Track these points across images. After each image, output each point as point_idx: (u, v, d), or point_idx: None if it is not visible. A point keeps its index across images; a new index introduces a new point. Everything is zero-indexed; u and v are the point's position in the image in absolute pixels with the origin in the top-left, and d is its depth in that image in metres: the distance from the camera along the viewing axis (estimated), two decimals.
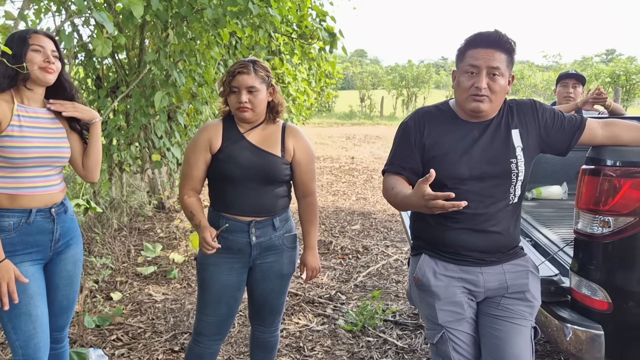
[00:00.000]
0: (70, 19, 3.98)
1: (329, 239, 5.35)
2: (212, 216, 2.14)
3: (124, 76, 5.06)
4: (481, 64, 1.70)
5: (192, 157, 2.09)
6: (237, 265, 2.12)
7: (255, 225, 2.08)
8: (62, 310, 2.18)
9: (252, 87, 2.01)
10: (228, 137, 2.08)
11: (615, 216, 1.87)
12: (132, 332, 3.21)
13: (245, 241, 2.09)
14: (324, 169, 10.27)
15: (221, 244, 2.07)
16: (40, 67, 1.93)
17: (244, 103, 2.01)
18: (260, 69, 2.05)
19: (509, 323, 1.78)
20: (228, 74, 2.04)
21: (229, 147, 2.06)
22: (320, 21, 5.70)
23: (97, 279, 3.93)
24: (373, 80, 32.06)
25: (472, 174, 1.75)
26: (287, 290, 2.29)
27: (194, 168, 2.09)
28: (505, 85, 1.74)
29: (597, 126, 1.85)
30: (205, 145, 2.07)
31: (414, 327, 3.33)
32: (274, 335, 2.32)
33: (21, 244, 1.94)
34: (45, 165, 1.99)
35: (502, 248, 1.82)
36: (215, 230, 2.04)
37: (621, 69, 23.24)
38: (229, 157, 2.05)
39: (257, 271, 2.16)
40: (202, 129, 2.12)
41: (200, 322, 2.16)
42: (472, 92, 1.72)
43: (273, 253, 2.15)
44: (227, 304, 2.13)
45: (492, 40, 1.71)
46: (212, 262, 2.10)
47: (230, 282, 2.12)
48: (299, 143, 2.15)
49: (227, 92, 2.05)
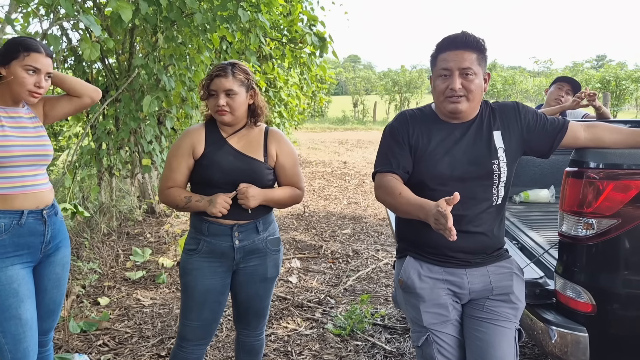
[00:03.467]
0: (58, 23, 3.97)
1: (320, 243, 5.34)
2: (194, 221, 2.11)
3: (113, 80, 5.04)
4: (452, 66, 1.72)
5: (174, 162, 2.07)
6: (220, 270, 2.09)
7: (238, 228, 2.06)
8: (48, 314, 2.17)
9: (230, 90, 2.00)
10: (211, 142, 2.06)
11: (599, 218, 1.88)
12: (119, 337, 3.18)
13: (228, 245, 2.06)
14: (316, 174, 10.27)
15: (204, 247, 2.05)
16: (30, 90, 1.96)
17: (221, 106, 1.99)
18: (239, 72, 2.03)
19: (493, 325, 1.78)
20: (206, 77, 2.04)
21: (212, 153, 2.04)
22: (311, 26, 5.71)
23: (85, 284, 3.90)
24: (366, 85, 32.18)
25: (454, 175, 1.76)
26: (272, 293, 2.27)
27: (176, 172, 2.07)
28: (480, 84, 1.76)
29: (579, 128, 1.86)
30: (188, 150, 2.05)
31: (402, 330, 3.32)
32: (259, 338, 2.31)
33: (12, 246, 1.93)
34: (31, 164, 2.00)
35: (486, 249, 1.83)
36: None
37: (611, 74, 23.47)
38: (212, 163, 2.03)
39: (241, 275, 2.14)
40: (184, 134, 2.10)
41: (184, 327, 2.13)
42: (448, 93, 1.74)
43: (257, 257, 2.13)
44: (211, 309, 2.11)
45: (459, 41, 1.74)
46: (196, 266, 2.07)
47: (213, 286, 2.09)
48: (282, 147, 2.13)
49: (206, 95, 2.04)
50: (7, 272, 1.92)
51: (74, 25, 4.49)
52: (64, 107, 2.19)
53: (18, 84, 1.93)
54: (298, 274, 4.40)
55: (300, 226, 6.10)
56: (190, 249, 2.10)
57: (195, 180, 2.09)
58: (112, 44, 3.96)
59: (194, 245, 2.09)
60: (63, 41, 4.59)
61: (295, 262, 4.70)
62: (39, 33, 3.59)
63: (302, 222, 6.28)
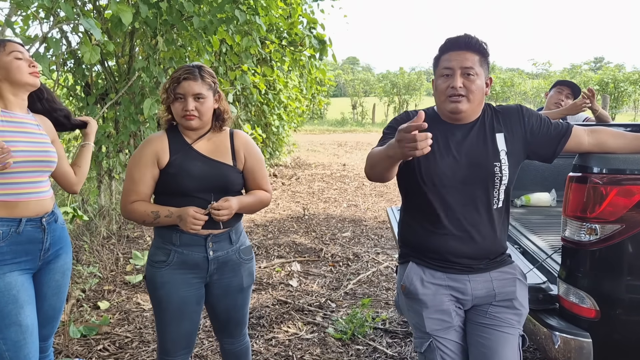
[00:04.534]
0: (58, 26, 3.96)
1: (320, 246, 5.33)
2: (161, 230, 1.98)
3: (113, 83, 5.03)
4: (454, 65, 1.73)
5: (136, 174, 1.94)
6: (194, 280, 2.00)
7: (212, 239, 1.97)
8: (48, 320, 2.16)
9: (199, 94, 1.91)
10: (176, 149, 1.96)
11: (602, 223, 1.87)
12: (119, 342, 3.17)
13: (202, 256, 1.97)
14: (315, 176, 10.27)
15: (175, 258, 1.95)
16: (30, 73, 1.98)
17: (190, 111, 1.90)
18: (207, 75, 1.95)
19: (496, 331, 1.77)
20: (172, 80, 1.92)
21: (179, 160, 1.94)
22: (310, 29, 5.71)
23: (85, 288, 3.88)
24: (365, 87, 32.23)
25: (455, 175, 1.75)
26: (250, 299, 2.19)
27: (140, 184, 1.94)
28: (482, 86, 1.76)
29: (583, 133, 1.86)
30: (152, 159, 1.93)
31: (403, 335, 3.31)
32: (244, 342, 2.24)
33: (10, 253, 1.92)
34: (34, 170, 1.98)
35: (488, 254, 1.82)
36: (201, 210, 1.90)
37: (609, 76, 23.50)
38: (181, 170, 1.92)
39: (216, 288, 2.06)
40: (145, 142, 1.97)
41: (165, 342, 2.04)
42: (449, 92, 1.74)
43: (231, 269, 2.05)
44: (190, 319, 2.02)
45: (461, 42, 1.75)
46: (167, 279, 1.96)
47: (189, 297, 2.00)
48: (249, 150, 2.07)
49: (171, 99, 1.93)
50: (6, 279, 1.90)
51: (74, 28, 4.48)
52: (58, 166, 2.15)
53: (15, 70, 1.94)
54: (298, 278, 4.39)
55: (300, 229, 6.09)
56: (159, 260, 1.97)
57: (162, 191, 1.97)
58: (112, 47, 3.96)
59: (162, 256, 1.96)
60: (63, 44, 4.58)
61: (296, 265, 4.69)
62: (39, 36, 3.58)
63: (301, 225, 6.27)
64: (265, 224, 6.33)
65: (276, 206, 7.42)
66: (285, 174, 10.39)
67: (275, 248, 5.25)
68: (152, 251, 2.01)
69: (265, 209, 7.13)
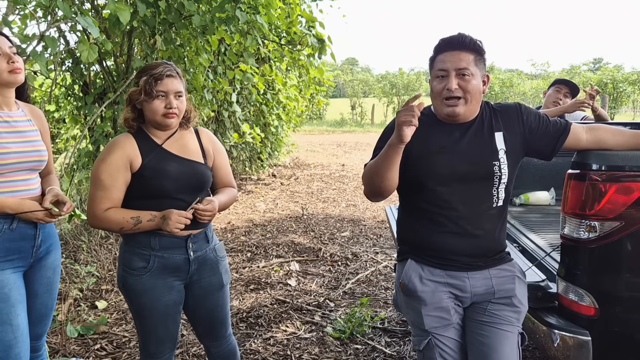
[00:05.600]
0: (56, 25, 3.95)
1: (318, 245, 5.32)
2: (140, 238, 1.90)
3: (111, 82, 5.02)
4: (449, 66, 1.72)
5: (107, 179, 1.83)
6: (176, 283, 1.97)
7: (192, 239, 1.95)
8: (40, 319, 2.15)
9: (180, 92, 1.89)
10: (146, 151, 1.89)
11: (602, 221, 1.87)
12: (117, 341, 3.16)
13: (183, 257, 1.94)
14: (314, 176, 10.26)
15: (155, 264, 1.90)
16: (9, 70, 1.88)
17: (174, 108, 1.87)
18: (180, 73, 1.93)
19: (495, 329, 1.76)
20: (152, 77, 1.84)
21: (154, 162, 1.88)
22: (309, 27, 5.70)
23: (82, 287, 3.87)
24: (364, 88, 32.22)
25: (454, 175, 1.75)
26: (229, 297, 2.15)
27: (113, 190, 1.84)
28: (478, 85, 1.75)
29: (581, 131, 1.85)
30: (123, 163, 1.84)
31: (402, 334, 3.30)
32: (231, 342, 2.21)
33: (3, 251, 1.91)
34: (24, 169, 1.97)
35: (487, 252, 1.81)
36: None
37: (608, 77, 23.54)
38: (156, 172, 1.87)
39: (196, 289, 2.03)
40: (112, 146, 1.86)
41: (150, 345, 1.99)
42: (445, 94, 1.73)
43: (209, 268, 2.03)
44: (174, 320, 2.00)
45: (455, 42, 1.74)
46: (149, 286, 1.91)
47: (172, 301, 1.96)
48: (217, 146, 2.08)
49: (151, 96, 1.85)
50: None
51: (72, 27, 4.47)
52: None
53: None
54: (297, 277, 4.38)
55: (299, 229, 6.08)
56: (138, 267, 1.90)
57: (137, 195, 1.89)
58: (110, 46, 3.94)
59: (141, 262, 1.89)
60: (61, 43, 4.56)
61: (294, 264, 4.68)
62: (37, 35, 3.56)
63: (300, 225, 6.25)
64: (264, 223, 6.32)
65: (275, 206, 7.41)
66: (284, 174, 10.38)
67: (273, 248, 5.24)
68: (127, 257, 1.92)
69: (264, 209, 7.13)
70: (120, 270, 1.95)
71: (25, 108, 2.08)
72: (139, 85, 1.87)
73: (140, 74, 1.89)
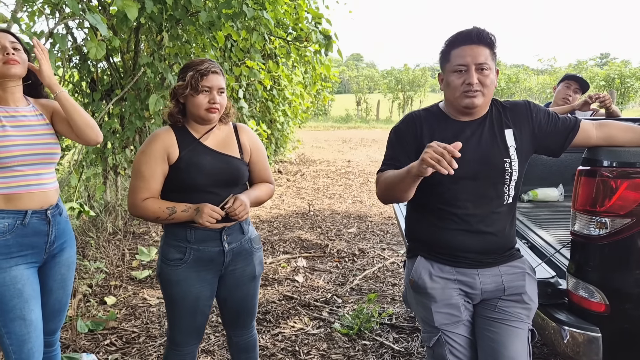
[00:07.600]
0: (64, 22, 3.97)
1: (325, 242, 5.32)
2: (176, 230, 1.97)
3: (118, 79, 5.04)
4: (469, 61, 1.71)
5: (146, 170, 1.90)
6: (208, 276, 2.02)
7: (226, 231, 1.99)
8: (54, 314, 2.16)
9: (223, 88, 1.95)
10: (184, 144, 1.95)
11: (612, 217, 1.86)
12: (126, 337, 3.18)
13: (218, 249, 1.99)
14: (320, 172, 10.26)
15: (191, 256, 1.96)
16: (3, 62, 1.88)
17: (218, 103, 1.92)
18: (222, 71, 2.00)
19: (505, 325, 1.76)
20: (198, 73, 1.90)
21: (188, 155, 1.93)
22: (316, 24, 5.69)
23: (91, 283, 3.90)
24: (369, 84, 32.15)
25: (465, 173, 1.74)
26: (259, 289, 2.20)
27: (152, 181, 1.91)
28: (494, 80, 1.75)
29: (591, 127, 1.84)
30: (162, 155, 1.91)
31: (410, 330, 3.31)
32: (253, 334, 2.26)
33: (16, 246, 1.92)
34: (36, 163, 1.97)
35: (497, 249, 1.81)
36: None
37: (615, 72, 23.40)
38: (190, 165, 1.92)
39: (230, 279, 2.08)
40: (153, 138, 1.94)
41: (176, 333, 2.07)
42: (464, 89, 1.72)
43: (244, 258, 2.07)
44: (202, 313, 2.05)
45: (473, 36, 1.73)
46: (182, 277, 1.97)
47: (203, 294, 2.02)
48: (254, 142, 2.11)
49: (197, 91, 1.90)
50: (12, 273, 1.90)
51: (80, 24, 4.48)
52: (64, 129, 2.09)
53: None
54: (304, 273, 4.39)
55: (306, 225, 6.09)
56: (174, 258, 1.96)
57: (172, 187, 1.95)
58: (118, 42, 3.95)
59: (178, 254, 1.96)
60: (69, 40, 4.59)
61: (301, 261, 4.69)
62: (45, 32, 3.58)
63: (307, 221, 6.26)
64: (271, 219, 6.33)
65: (281, 202, 7.42)
66: (290, 170, 10.38)
67: (280, 244, 5.25)
68: (165, 249, 1.99)
69: (271, 205, 7.14)
70: (159, 261, 2.02)
71: (38, 103, 2.08)
72: (184, 80, 1.92)
73: (185, 70, 1.95)
